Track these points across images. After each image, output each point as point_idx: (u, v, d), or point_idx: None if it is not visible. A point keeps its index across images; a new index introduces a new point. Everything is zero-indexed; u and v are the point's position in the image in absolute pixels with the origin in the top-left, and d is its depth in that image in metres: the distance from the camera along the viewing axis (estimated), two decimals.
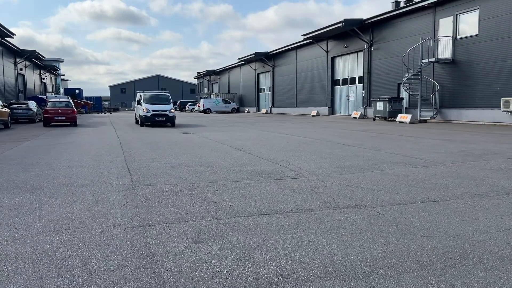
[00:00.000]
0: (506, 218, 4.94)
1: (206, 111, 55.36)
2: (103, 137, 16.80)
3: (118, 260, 3.81)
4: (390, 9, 30.47)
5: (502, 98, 19.52)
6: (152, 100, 24.21)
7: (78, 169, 8.71)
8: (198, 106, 61.68)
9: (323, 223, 4.86)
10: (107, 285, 3.30)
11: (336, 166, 8.81)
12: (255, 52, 49.61)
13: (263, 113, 50.39)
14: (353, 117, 30.63)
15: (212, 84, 78.33)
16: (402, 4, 29.44)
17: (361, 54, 31.97)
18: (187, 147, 12.83)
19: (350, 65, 33.92)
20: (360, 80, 32.49)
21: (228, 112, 56.08)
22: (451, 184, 6.93)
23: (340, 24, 29.67)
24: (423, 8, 24.70)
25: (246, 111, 57.78)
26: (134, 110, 29.74)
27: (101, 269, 3.61)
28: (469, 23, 21.98)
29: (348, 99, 34.49)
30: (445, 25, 23.34)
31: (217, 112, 55.20)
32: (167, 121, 23.44)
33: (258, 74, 55.28)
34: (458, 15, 22.60)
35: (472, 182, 7.01)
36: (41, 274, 3.49)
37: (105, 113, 59.95)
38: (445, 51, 23.15)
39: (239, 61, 57.65)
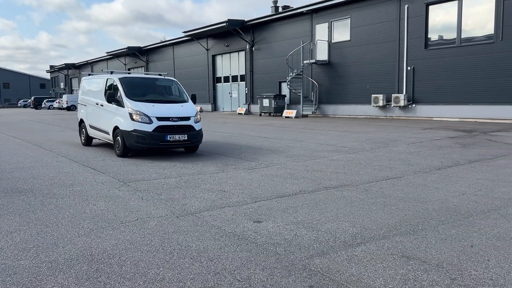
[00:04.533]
0: (457, 186, 6.65)
1: (70, 108, 51.47)
2: None
3: (211, 241, 4.27)
4: (269, 13, 32.80)
5: (372, 95, 23.06)
6: (144, 92, 10.46)
7: None
8: (59, 102, 57.11)
9: (334, 200, 5.90)
10: (223, 258, 3.82)
11: (285, 156, 9.91)
12: (128, 47, 47.99)
13: None
14: (239, 113, 32.22)
15: (71, 78, 72.64)
16: (280, 9, 31.96)
17: (242, 53, 33.72)
18: None
19: (232, 64, 35.47)
20: (243, 78, 34.26)
21: None
22: (390, 165, 8.61)
23: (225, 24, 30.94)
24: (301, 14, 27.40)
25: None
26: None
27: (207, 248, 4.07)
28: (342, 30, 25.25)
29: (231, 96, 36.04)
30: (321, 31, 26.33)
31: None
32: (192, 143, 10.08)
33: (129, 69, 53.40)
34: (332, 22, 25.74)
35: (404, 163, 8.80)
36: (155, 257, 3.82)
37: None
38: (322, 54, 26.14)
39: (108, 55, 54.88)
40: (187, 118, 9.85)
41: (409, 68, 21.66)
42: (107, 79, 10.81)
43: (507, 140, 12.03)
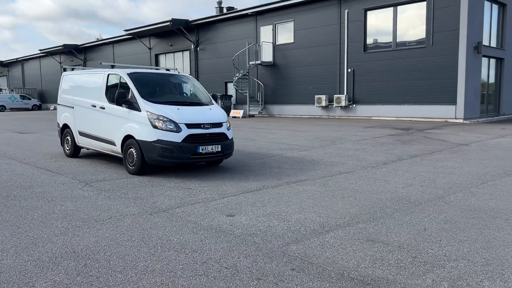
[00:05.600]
0: (403, 178, 7.30)
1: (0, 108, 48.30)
2: None
3: (190, 234, 4.48)
4: (211, 13, 32.94)
5: (315, 96, 24.00)
6: (161, 92, 8.63)
7: None
8: None
9: (297, 194, 6.29)
10: (206, 249, 4.07)
11: (241, 155, 10.21)
12: (64, 44, 45.94)
13: None
14: None
15: None
16: (225, 10, 32.19)
17: (187, 53, 33.56)
18: None
19: (176, 63, 35.15)
20: None
21: (28, 109, 50.15)
22: (341, 161, 9.19)
23: (169, 23, 30.63)
24: (246, 16, 27.82)
25: (52, 108, 52.68)
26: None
27: (188, 242, 4.28)
28: (286, 32, 26.00)
29: None
30: (266, 32, 26.93)
31: (12, 109, 48.74)
32: (225, 155, 8.16)
33: (64, 69, 51.01)
34: (276, 25, 26.41)
35: (352, 159, 9.43)
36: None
37: None
38: (267, 55, 26.73)
39: (41, 53, 52.08)
40: (220, 125, 7.92)
41: (349, 70, 22.81)
42: (108, 75, 8.66)
43: (441, 137, 13.17)
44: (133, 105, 7.81)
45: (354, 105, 22.80)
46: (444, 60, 19.35)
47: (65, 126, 10.05)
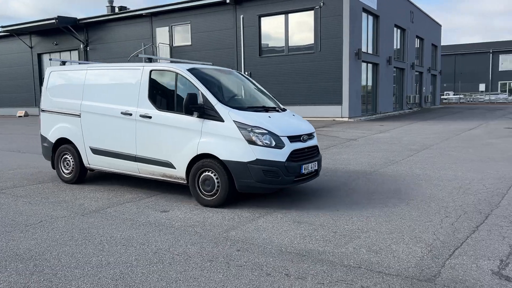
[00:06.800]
0: None
1: None
2: None
3: (131, 230, 4.68)
4: (100, 13, 31.58)
5: None
6: (235, 95, 6.95)
7: None
8: None
9: None
10: (152, 241, 4.36)
11: None
12: None
13: None
14: None
15: None
16: (117, 10, 31.10)
17: (75, 52, 31.70)
18: None
19: None
20: None
21: None
22: None
23: (54, 21, 28.65)
24: (141, 16, 27.31)
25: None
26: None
27: (132, 237, 4.49)
28: (184, 34, 26.15)
29: None
30: (162, 34, 26.76)
31: None
32: (317, 174, 6.37)
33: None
34: (173, 26, 26.42)
35: None
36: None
37: None
38: (165, 57, 26.57)
39: None
40: (312, 135, 6.31)
41: (246, 73, 23.82)
42: (150, 72, 6.32)
43: (333, 134, 14.67)
44: (208, 113, 5.75)
45: None
46: (331, 64, 21.36)
47: (62, 141, 7.34)
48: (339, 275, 3.54)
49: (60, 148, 7.36)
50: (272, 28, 23.30)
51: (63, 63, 7.87)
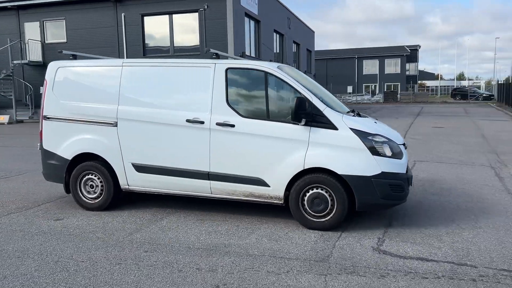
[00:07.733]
0: None
1: None
2: None
3: (24, 241, 4.38)
4: None
5: None
6: (325, 96, 5.60)
7: None
8: None
9: None
10: (52, 250, 4.18)
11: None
12: None
13: None
14: None
15: None
16: None
17: None
18: None
19: None
20: None
21: None
22: None
23: None
24: (5, 9, 24.56)
25: None
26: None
27: (28, 248, 4.22)
28: (58, 31, 24.21)
29: None
30: (32, 29, 24.42)
31: None
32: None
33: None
34: (44, 22, 24.30)
35: None
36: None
37: None
38: (36, 54, 24.30)
39: None
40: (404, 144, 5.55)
41: None
42: (226, 70, 5.23)
43: None
44: (317, 120, 4.87)
45: None
46: None
47: (82, 157, 5.71)
48: (246, 264, 3.82)
49: (81, 167, 5.70)
50: (157, 28, 22.90)
51: (74, 56, 6.25)
